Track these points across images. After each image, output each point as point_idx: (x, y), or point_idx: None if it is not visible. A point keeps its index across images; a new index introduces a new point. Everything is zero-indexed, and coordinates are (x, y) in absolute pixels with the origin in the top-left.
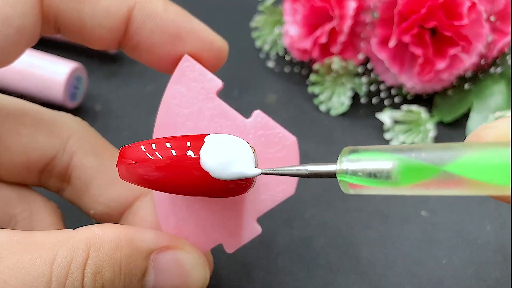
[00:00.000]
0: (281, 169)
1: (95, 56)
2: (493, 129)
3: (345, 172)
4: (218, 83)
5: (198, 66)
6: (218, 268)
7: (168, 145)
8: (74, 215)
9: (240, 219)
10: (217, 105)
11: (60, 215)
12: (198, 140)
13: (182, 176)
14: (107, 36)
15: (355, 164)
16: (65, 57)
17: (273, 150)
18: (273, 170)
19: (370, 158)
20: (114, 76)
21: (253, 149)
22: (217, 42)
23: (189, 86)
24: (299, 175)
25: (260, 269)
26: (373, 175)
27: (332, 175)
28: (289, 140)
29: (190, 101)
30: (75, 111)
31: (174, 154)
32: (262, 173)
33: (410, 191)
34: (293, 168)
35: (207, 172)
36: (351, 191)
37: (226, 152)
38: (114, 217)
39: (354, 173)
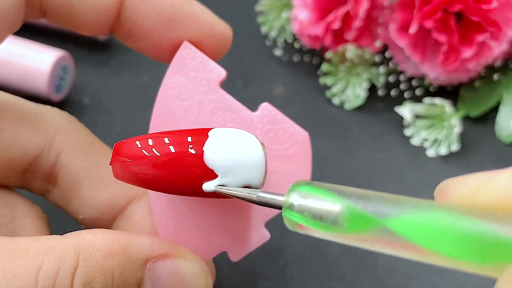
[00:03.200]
0: (233, 189)
1: (83, 44)
2: (462, 186)
3: (291, 208)
4: (221, 73)
5: (199, 54)
6: (220, 279)
7: (166, 140)
8: (60, 220)
9: (246, 223)
10: (220, 97)
11: (45, 220)
12: (201, 135)
13: (182, 174)
14: (97, 20)
15: (303, 200)
16: (50, 45)
17: (283, 147)
18: (226, 189)
19: (319, 197)
20: (104, 65)
21: (263, 144)
22: (219, 28)
23: (189, 76)
24: (250, 200)
25: (267, 280)
26: (318, 218)
27: (279, 207)
28: (300, 135)
29: (190, 92)
30: (61, 105)
31: (173, 150)
32: (215, 191)
33: (358, 243)
34: (245, 191)
35: (212, 170)
36: (299, 231)
37: (234, 148)
38: (105, 222)
39: (300, 211)
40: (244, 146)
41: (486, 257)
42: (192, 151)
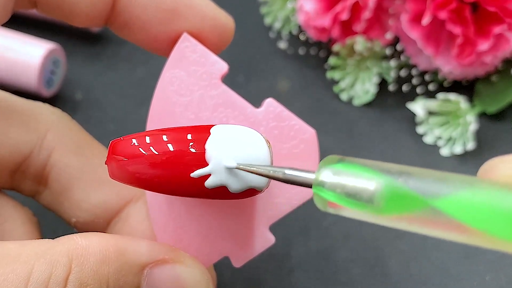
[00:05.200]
0: (257, 167)
1: (75, 35)
2: (508, 165)
3: (322, 185)
4: (223, 67)
5: (199, 46)
6: (221, 285)
7: (165, 138)
8: (52, 223)
9: (250, 226)
10: (222, 92)
11: (36, 223)
12: (202, 132)
13: (182, 174)
14: (91, 11)
15: (336, 177)
16: (40, 37)
17: (289, 145)
18: (248, 166)
19: (353, 174)
20: (97, 58)
21: (268, 142)
22: (221, 19)
23: (188, 70)
24: (275, 178)
25: (271, 286)
26: (352, 195)
27: (309, 185)
28: (307, 133)
29: (190, 87)
30: (52, 100)
31: (172, 148)
32: (236, 168)
33: (395, 223)
34: (270, 168)
35: None
36: (330, 210)
37: (238, 146)
38: (99, 226)
39: (332, 188)
40: (248, 145)
41: None
42: (193, 150)
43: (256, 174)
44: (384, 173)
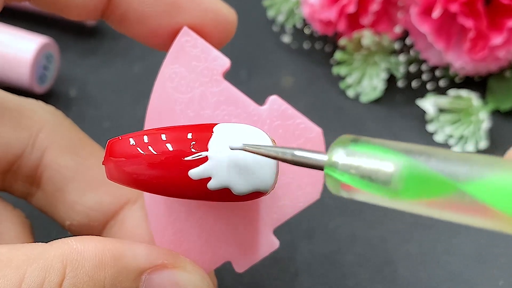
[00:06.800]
0: (264, 147)
1: (69, 29)
2: None
3: (335, 166)
4: (225, 63)
5: (200, 41)
6: None
7: (163, 137)
8: (45, 226)
9: (253, 230)
10: (224, 89)
11: (28, 226)
12: (204, 131)
13: (182, 175)
14: (87, 3)
15: (350, 158)
16: (32, 30)
17: (294, 145)
18: (255, 147)
19: (369, 154)
20: (92, 53)
21: (273, 141)
22: (223, 12)
23: (189, 66)
24: (283, 160)
25: None
26: (367, 177)
27: (320, 167)
28: (313, 132)
29: (190, 84)
30: (45, 97)
31: (171, 148)
32: (243, 149)
33: (413, 207)
34: (279, 149)
35: None
36: (343, 193)
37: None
38: (95, 229)
39: (346, 169)
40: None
41: None
42: (194, 150)
43: (264, 155)
44: (404, 153)
